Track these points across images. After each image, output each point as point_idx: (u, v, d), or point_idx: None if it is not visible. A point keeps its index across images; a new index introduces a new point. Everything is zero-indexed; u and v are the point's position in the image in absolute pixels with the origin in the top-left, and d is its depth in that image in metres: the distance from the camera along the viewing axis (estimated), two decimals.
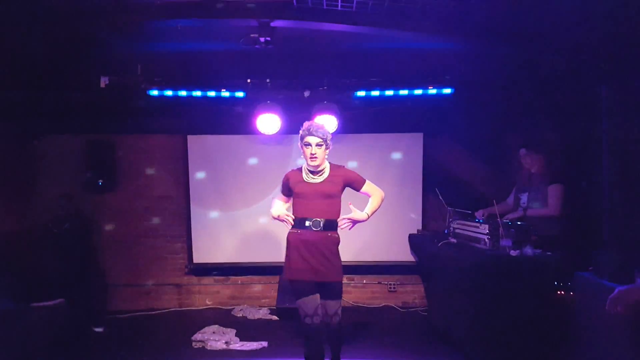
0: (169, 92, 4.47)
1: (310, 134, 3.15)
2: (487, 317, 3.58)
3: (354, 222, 3.24)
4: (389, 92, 4.63)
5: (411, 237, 5.19)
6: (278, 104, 4.73)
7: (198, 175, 5.67)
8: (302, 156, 3.25)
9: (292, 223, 3.19)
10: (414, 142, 5.60)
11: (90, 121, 5.42)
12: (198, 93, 4.52)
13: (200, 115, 5.35)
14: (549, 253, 3.57)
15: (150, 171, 5.78)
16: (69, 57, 4.02)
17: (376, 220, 5.55)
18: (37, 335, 4.00)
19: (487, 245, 3.70)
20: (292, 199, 3.31)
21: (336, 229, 3.23)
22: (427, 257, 4.80)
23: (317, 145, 3.14)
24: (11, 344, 3.71)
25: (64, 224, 5.01)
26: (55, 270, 4.76)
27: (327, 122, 4.74)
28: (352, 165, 5.60)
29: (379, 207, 3.36)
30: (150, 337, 4.70)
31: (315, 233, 3.12)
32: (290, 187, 3.26)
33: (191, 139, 5.65)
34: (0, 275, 4.33)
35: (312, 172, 3.22)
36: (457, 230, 4.29)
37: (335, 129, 4.84)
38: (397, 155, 5.64)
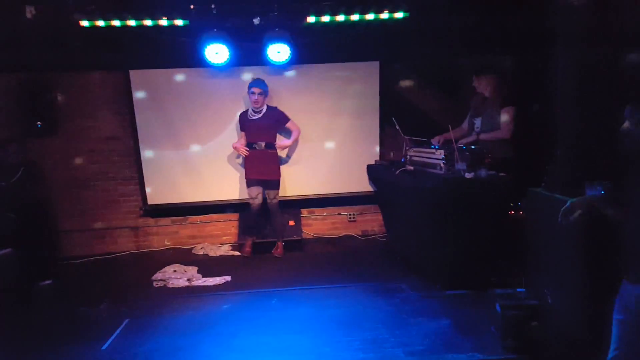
0: (101, 23, 4.06)
1: (254, 85, 4.78)
2: (444, 240, 3.72)
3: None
4: (340, 18, 4.43)
5: (369, 168, 5.23)
6: (226, 33, 4.42)
7: (145, 114, 5.33)
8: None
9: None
10: (370, 71, 5.46)
11: (20, 58, 4.90)
12: (133, 23, 4.13)
13: (142, 47, 4.93)
14: (503, 174, 3.67)
15: (92, 111, 5.40)
16: None
17: (335, 152, 5.64)
18: None
19: (443, 170, 3.75)
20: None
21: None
22: (385, 186, 4.87)
23: (259, 93, 4.81)
24: None
25: (13, 176, 4.62)
26: (2, 221, 4.48)
27: (279, 50, 4.55)
28: (307, 96, 5.46)
29: (297, 139, 5.24)
30: (109, 281, 4.62)
31: (263, 150, 4.97)
32: (242, 122, 5.07)
33: (134, 75, 5.25)
34: None
35: (254, 110, 4.89)
36: (413, 158, 4.33)
37: (288, 59, 4.66)
38: (353, 86, 5.51)
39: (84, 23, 4.06)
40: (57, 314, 3.80)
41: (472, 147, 3.95)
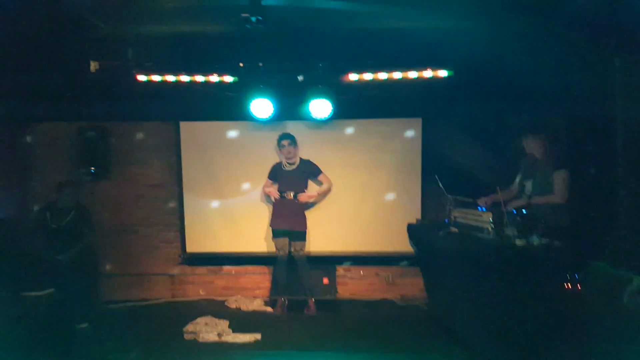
0: (157, 78, 4.29)
1: (284, 138, 5.08)
2: (492, 311, 3.40)
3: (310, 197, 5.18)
4: (382, 76, 4.44)
5: (410, 227, 5.00)
6: (271, 88, 4.55)
7: (191, 163, 5.51)
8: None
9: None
10: (413, 127, 5.40)
11: (81, 108, 5.29)
12: (186, 78, 4.34)
13: (193, 100, 5.18)
14: (557, 242, 3.38)
15: (142, 159, 5.64)
16: (58, 41, 3.85)
17: (374, 208, 5.49)
18: (24, 324, 3.89)
19: (491, 234, 3.50)
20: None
21: None
22: (426, 248, 4.61)
23: (290, 144, 5.07)
24: None
25: (63, 219, 4.79)
26: (50, 262, 4.62)
27: (321, 106, 4.61)
28: (347, 151, 5.43)
29: (327, 192, 5.34)
30: (142, 328, 4.59)
31: (292, 200, 5.07)
32: (275, 172, 5.25)
33: (183, 126, 5.50)
34: None
35: (287, 162, 5.16)
36: (458, 220, 4.10)
37: (329, 114, 4.70)
38: (394, 142, 5.44)
39: (142, 78, 4.30)
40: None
41: (523, 211, 3.68)
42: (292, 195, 4.96)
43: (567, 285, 3.56)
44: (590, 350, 2.90)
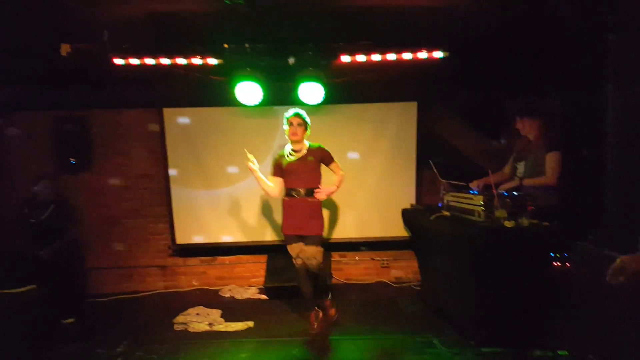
0: (135, 61, 4.10)
1: (291, 116, 3.90)
2: (481, 291, 3.41)
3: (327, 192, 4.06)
4: (375, 57, 4.30)
5: (404, 212, 4.95)
6: (259, 72, 4.38)
7: (177, 152, 5.33)
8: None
9: None
10: (407, 111, 5.29)
11: (57, 95, 5.05)
12: (166, 61, 4.15)
13: (176, 85, 4.99)
14: (545, 224, 3.35)
15: (126, 148, 5.46)
16: (29, 24, 3.66)
17: (368, 194, 5.40)
18: (6, 322, 3.78)
19: (481, 217, 3.47)
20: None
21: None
22: (420, 232, 4.58)
23: (299, 124, 3.91)
24: None
25: (43, 213, 4.65)
26: (30, 258, 4.48)
27: (314, 90, 4.45)
28: (340, 137, 5.32)
29: (340, 184, 4.12)
30: (132, 320, 4.51)
31: (303, 199, 3.99)
32: (281, 164, 4.07)
33: (167, 113, 5.30)
34: None
35: (293, 150, 4.02)
36: (451, 203, 4.06)
37: (322, 99, 4.56)
38: (389, 127, 5.33)
39: (118, 61, 4.11)
40: (73, 355, 3.75)
41: (514, 193, 3.64)
42: (303, 192, 3.93)
43: (556, 264, 3.55)
44: (577, 323, 2.91)
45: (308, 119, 3.95)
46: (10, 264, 4.36)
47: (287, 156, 3.98)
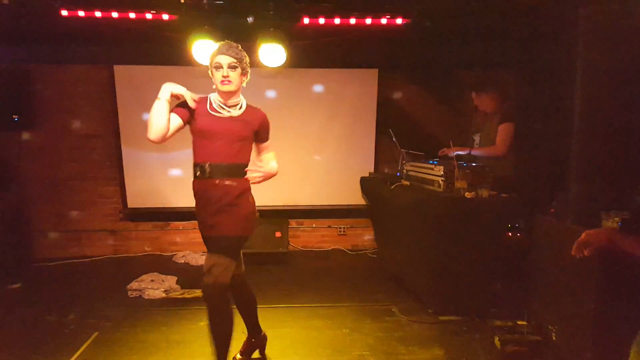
0: (81, 13, 3.79)
1: (222, 53, 2.56)
2: (440, 260, 3.50)
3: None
4: (336, 21, 4.19)
5: (363, 180, 5.00)
6: (217, 30, 4.17)
7: (128, 112, 5.06)
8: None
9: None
10: (368, 78, 5.25)
11: None
12: (116, 14, 3.87)
13: (128, 42, 4.69)
14: (504, 195, 3.46)
15: (74, 107, 5.13)
16: None
17: (327, 162, 5.39)
18: None
19: (442, 187, 3.53)
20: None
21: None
22: (378, 201, 4.64)
23: (231, 67, 2.54)
24: None
25: None
26: None
27: (274, 52, 4.30)
28: (300, 102, 5.22)
29: (269, 177, 2.75)
30: (82, 286, 4.35)
31: (218, 182, 2.54)
32: (194, 116, 2.57)
33: (118, 70, 4.99)
34: None
35: (221, 103, 2.59)
36: (410, 173, 4.11)
37: (283, 61, 4.42)
38: (349, 93, 5.28)
39: (64, 12, 3.79)
40: (22, 321, 3.57)
41: (474, 164, 3.73)
42: (222, 170, 2.53)
43: (509, 235, 3.70)
44: (534, 296, 3.04)
45: (247, 58, 2.65)
46: None
47: (210, 109, 2.57)
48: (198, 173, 2.54)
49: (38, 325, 3.48)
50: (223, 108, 2.57)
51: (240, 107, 2.63)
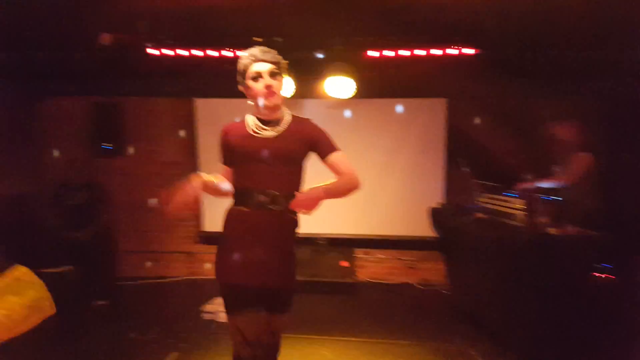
0: (169, 52, 4.12)
1: (258, 60, 2.09)
2: (522, 300, 3.27)
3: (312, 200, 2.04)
4: (404, 53, 4.19)
5: (433, 211, 4.84)
6: (288, 65, 4.33)
7: (207, 141, 5.37)
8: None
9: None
10: (437, 108, 5.17)
11: (94, 82, 5.16)
12: (200, 53, 4.16)
13: (208, 76, 4.99)
14: (592, 232, 3.21)
15: (158, 135, 5.53)
16: (70, 15, 3.70)
17: (394, 191, 5.32)
18: None
19: (522, 221, 3.34)
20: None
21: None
22: (451, 233, 4.46)
23: (272, 74, 2.09)
24: None
25: (76, 195, 4.76)
26: (66, 238, 4.60)
27: (342, 84, 4.39)
28: (366, 131, 5.22)
29: (344, 192, 2.19)
30: (159, 307, 4.59)
31: (268, 214, 2.06)
32: (232, 146, 2.17)
33: (199, 103, 5.35)
34: (10, 239, 4.21)
35: (264, 122, 2.15)
36: (486, 205, 3.93)
37: (351, 93, 4.50)
38: (417, 123, 5.22)
39: (153, 52, 4.14)
40: (107, 337, 3.83)
41: (557, 198, 3.51)
42: (275, 199, 2.08)
43: (600, 276, 3.41)
44: (621, 344, 2.76)
45: (283, 61, 2.19)
46: (47, 244, 4.49)
47: (251, 131, 2.16)
48: (249, 202, 2.06)
49: (122, 342, 3.70)
50: (264, 129, 2.13)
51: (286, 122, 2.16)
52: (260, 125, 2.15)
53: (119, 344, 3.65)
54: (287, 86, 4.38)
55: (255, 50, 2.12)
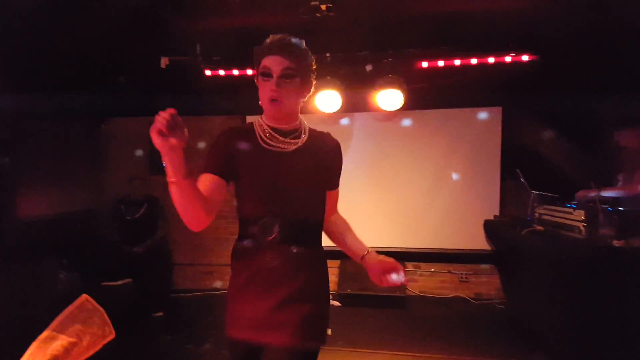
0: (222, 72, 4.32)
1: (271, 53, 1.62)
2: (584, 317, 3.09)
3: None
4: (456, 62, 4.14)
5: (487, 224, 4.71)
6: (338, 80, 4.41)
7: None
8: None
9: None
10: (491, 117, 5.06)
11: (151, 103, 5.44)
12: (250, 72, 4.32)
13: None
14: None
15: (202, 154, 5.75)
16: (130, 37, 3.97)
17: (447, 203, 5.21)
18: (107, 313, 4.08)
19: (583, 234, 3.18)
20: (234, 186, 1.69)
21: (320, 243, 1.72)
22: (507, 246, 4.31)
23: (285, 75, 1.61)
24: None
25: (137, 211, 5.00)
26: (125, 252, 4.84)
27: (392, 96, 4.40)
28: (417, 143, 5.17)
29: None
30: (213, 318, 4.67)
31: (285, 250, 1.61)
32: (236, 158, 1.65)
33: (250, 120, 5.48)
34: (71, 254, 4.48)
35: (277, 131, 1.69)
36: (543, 217, 3.77)
37: (400, 105, 4.49)
38: (471, 133, 5.11)
39: (208, 72, 4.35)
40: (164, 348, 3.96)
41: (622, 208, 3.31)
42: (292, 230, 1.64)
43: None
44: None
45: (311, 59, 1.73)
46: (108, 258, 4.74)
47: (261, 139, 1.69)
48: (256, 234, 1.62)
49: (178, 353, 3.81)
50: (276, 139, 1.67)
51: (304, 133, 1.72)
52: (274, 134, 1.67)
53: (175, 355, 3.77)
54: (328, 100, 4.46)
55: (272, 39, 1.64)
